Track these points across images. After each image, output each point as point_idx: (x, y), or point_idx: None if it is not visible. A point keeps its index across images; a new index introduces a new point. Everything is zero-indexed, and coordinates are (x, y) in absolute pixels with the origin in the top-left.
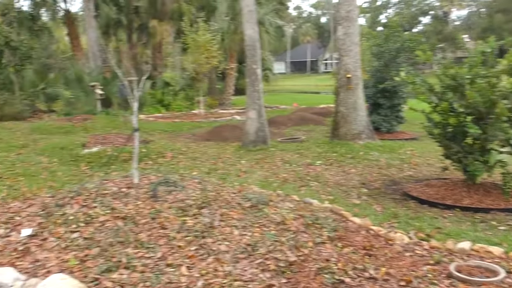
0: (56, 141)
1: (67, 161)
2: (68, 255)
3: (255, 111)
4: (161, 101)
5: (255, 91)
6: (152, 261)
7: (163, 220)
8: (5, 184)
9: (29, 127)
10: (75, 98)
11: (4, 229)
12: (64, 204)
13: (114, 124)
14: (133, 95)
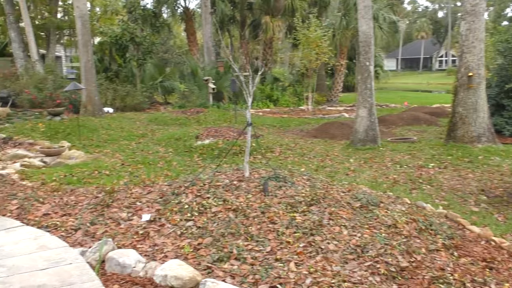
0: (171, 132)
1: (182, 152)
2: (183, 242)
3: (366, 109)
4: (270, 96)
5: (367, 89)
6: (261, 254)
7: (273, 215)
8: (127, 170)
9: (147, 117)
10: (189, 92)
11: (127, 213)
12: (180, 193)
13: (225, 118)
14: (247, 90)
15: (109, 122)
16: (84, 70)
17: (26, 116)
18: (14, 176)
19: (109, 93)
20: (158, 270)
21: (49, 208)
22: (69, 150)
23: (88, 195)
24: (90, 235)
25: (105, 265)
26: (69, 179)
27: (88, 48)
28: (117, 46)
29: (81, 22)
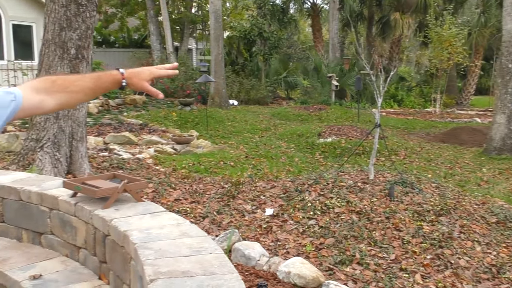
0: (293, 128)
1: (303, 148)
2: (305, 240)
3: (504, 115)
4: (394, 96)
5: (507, 93)
6: (385, 261)
7: (398, 222)
8: (251, 163)
9: (270, 111)
10: (311, 88)
11: (251, 205)
12: (303, 190)
13: (347, 116)
14: (377, 90)
15: (234, 114)
16: (214, 63)
17: (159, 105)
18: (149, 160)
19: (235, 86)
20: (282, 266)
21: (180, 194)
22: (197, 140)
23: (215, 185)
24: (217, 223)
25: (231, 255)
26: (197, 167)
27: (219, 42)
28: (245, 40)
29: (214, 17)
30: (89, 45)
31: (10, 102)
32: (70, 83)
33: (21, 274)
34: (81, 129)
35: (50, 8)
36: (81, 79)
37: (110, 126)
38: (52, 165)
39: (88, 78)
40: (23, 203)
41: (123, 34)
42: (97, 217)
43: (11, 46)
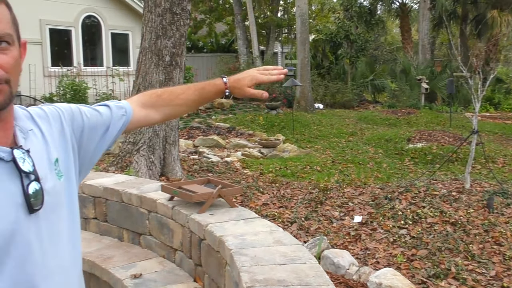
0: (381, 132)
1: (392, 154)
2: (396, 250)
3: None
4: (490, 99)
5: None
6: (484, 278)
7: (498, 235)
8: (337, 168)
9: (356, 115)
10: (399, 91)
11: (339, 212)
12: (393, 198)
13: (438, 121)
14: (475, 94)
15: (320, 118)
16: (300, 67)
17: (246, 108)
18: (236, 164)
19: (320, 90)
20: (372, 277)
21: (268, 198)
22: (283, 143)
23: (303, 190)
24: (304, 229)
25: (320, 262)
26: (284, 171)
27: (305, 46)
28: (331, 43)
29: (301, 20)
30: (183, 52)
31: (121, 116)
32: (175, 97)
33: (123, 272)
34: (174, 133)
35: (148, 18)
36: (185, 91)
37: (199, 130)
38: (147, 168)
39: (192, 91)
40: (124, 204)
41: (211, 39)
42: (193, 221)
43: (109, 54)
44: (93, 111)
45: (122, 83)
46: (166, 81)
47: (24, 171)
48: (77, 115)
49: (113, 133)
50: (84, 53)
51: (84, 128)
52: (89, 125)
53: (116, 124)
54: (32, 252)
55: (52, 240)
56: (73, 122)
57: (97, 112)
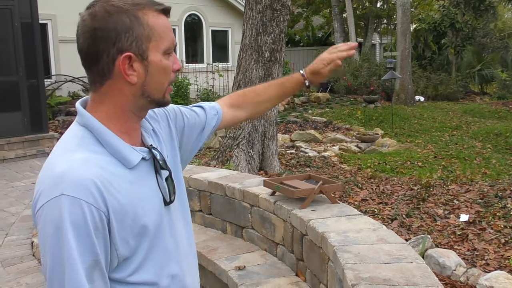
0: (489, 126)
1: (502, 149)
2: (508, 252)
3: None
4: None
5: None
6: None
7: None
8: (440, 164)
9: (461, 108)
10: (511, 81)
11: (443, 210)
12: (505, 196)
13: None
14: None
15: (420, 112)
16: (400, 59)
17: (343, 102)
18: (334, 158)
19: (421, 82)
20: (482, 280)
21: (366, 194)
22: (382, 138)
23: (403, 186)
24: (406, 227)
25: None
26: (383, 167)
27: (406, 36)
28: (434, 33)
29: (402, 10)
30: (282, 48)
31: (214, 116)
32: (257, 95)
33: (228, 264)
34: (272, 128)
35: (248, 15)
36: (267, 88)
37: (296, 124)
38: (246, 162)
39: (273, 87)
40: (227, 198)
41: (308, 33)
42: (295, 216)
43: (209, 50)
44: (191, 112)
45: (221, 79)
46: (266, 77)
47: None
48: (179, 115)
49: (207, 132)
50: (186, 50)
51: (184, 127)
52: (188, 124)
53: (210, 124)
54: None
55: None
56: (177, 122)
57: (194, 113)
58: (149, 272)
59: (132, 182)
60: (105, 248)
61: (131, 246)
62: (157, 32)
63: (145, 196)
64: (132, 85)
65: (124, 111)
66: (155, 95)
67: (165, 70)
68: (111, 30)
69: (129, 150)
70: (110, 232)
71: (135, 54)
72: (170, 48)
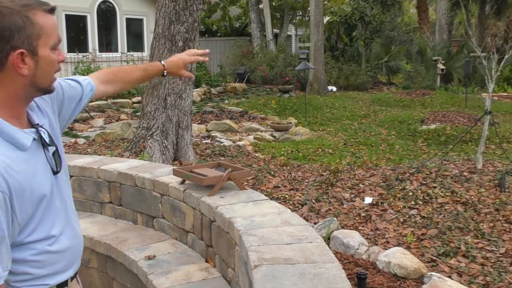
0: (394, 114)
1: (405, 135)
2: (406, 230)
3: None
4: (508, 78)
5: None
6: (494, 255)
7: (509, 214)
8: (349, 150)
9: (370, 97)
10: (415, 72)
11: (349, 193)
12: (404, 179)
13: (453, 101)
14: (488, 75)
15: (332, 101)
16: (313, 50)
17: (259, 92)
18: (248, 147)
19: (334, 72)
20: (381, 256)
21: (279, 181)
22: (296, 127)
23: (314, 172)
24: (315, 211)
25: (330, 242)
26: (295, 154)
27: (319, 28)
28: (345, 25)
29: (315, 3)
30: (195, 37)
31: (89, 91)
32: (127, 75)
33: (138, 254)
34: (187, 118)
35: (161, 3)
36: (134, 71)
37: (212, 114)
38: (160, 152)
39: (139, 71)
40: (138, 188)
41: (225, 23)
42: (203, 203)
43: (124, 39)
44: (69, 86)
45: None
46: None
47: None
48: (59, 89)
49: (82, 104)
50: (100, 38)
51: (64, 100)
52: (67, 97)
53: (86, 97)
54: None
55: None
56: (57, 95)
57: (72, 87)
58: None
59: (27, 160)
60: (8, 225)
61: (29, 214)
62: (45, 30)
63: (38, 170)
64: (24, 76)
65: (15, 99)
66: (43, 85)
67: (52, 63)
68: (5, 30)
69: (20, 135)
70: (13, 208)
71: (27, 50)
72: (56, 43)
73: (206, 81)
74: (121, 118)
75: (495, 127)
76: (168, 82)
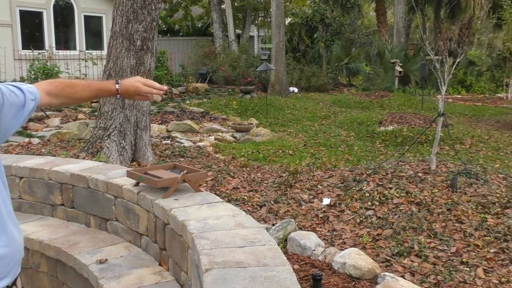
0: (354, 116)
1: (363, 137)
2: (362, 230)
3: None
4: (462, 81)
5: None
6: (445, 254)
7: (460, 214)
8: (309, 151)
9: (330, 99)
10: (374, 74)
11: (308, 195)
12: (361, 180)
13: (410, 103)
14: (441, 77)
15: (294, 102)
16: (275, 51)
17: (221, 92)
18: (209, 148)
19: (296, 73)
20: (337, 257)
21: (238, 182)
22: (257, 128)
23: (273, 174)
24: (273, 212)
25: (287, 244)
26: (256, 155)
27: (280, 29)
28: (306, 27)
29: (276, 4)
30: (154, 36)
31: (32, 100)
32: (75, 92)
33: (89, 258)
34: (145, 118)
35: (118, 1)
36: (83, 89)
37: (173, 114)
38: (118, 153)
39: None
40: (91, 190)
41: (187, 23)
42: (157, 206)
43: (82, 37)
44: (11, 92)
45: (95, 67)
46: (137, 66)
47: None
48: None
49: (25, 114)
50: (56, 36)
51: (3, 106)
52: (8, 103)
53: (28, 106)
54: None
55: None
56: None
57: (13, 93)
58: None
59: None
60: None
61: None
62: None
63: None
64: None
65: None
66: None
67: None
68: None
69: None
70: None
71: None
72: None
73: (167, 81)
74: (79, 118)
75: (447, 128)
76: None
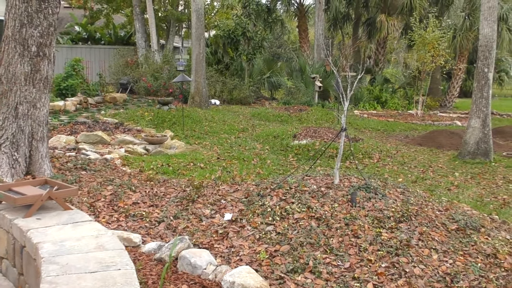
0: (271, 129)
1: (277, 150)
2: (260, 247)
3: (479, 119)
4: (378, 97)
5: (483, 98)
6: (338, 270)
7: (357, 228)
8: (221, 165)
9: (251, 112)
10: (295, 88)
11: (210, 210)
12: (265, 194)
13: (327, 118)
14: (344, 93)
15: (213, 114)
16: (195, 62)
17: (140, 103)
18: (117, 161)
19: (218, 86)
20: (227, 276)
21: (139, 197)
22: (171, 140)
23: (177, 188)
24: (172, 229)
25: (178, 263)
26: (165, 168)
27: (201, 41)
28: (229, 40)
29: (196, 15)
30: (52, 42)
31: None
32: None
33: None
34: (42, 128)
35: (11, 3)
36: None
37: (85, 125)
38: (9, 166)
39: None
40: None
41: (109, 31)
42: (16, 226)
43: None
44: None
45: None
46: (33, 73)
47: None
48: None
49: None
50: None
51: None
52: None
53: None
54: None
55: None
56: None
57: None
58: None
59: None
60: None
61: None
62: None
63: None
64: None
65: None
66: None
67: None
68: None
69: None
70: None
71: None
72: None
73: (83, 90)
74: None
75: (356, 144)
76: (20, 89)
